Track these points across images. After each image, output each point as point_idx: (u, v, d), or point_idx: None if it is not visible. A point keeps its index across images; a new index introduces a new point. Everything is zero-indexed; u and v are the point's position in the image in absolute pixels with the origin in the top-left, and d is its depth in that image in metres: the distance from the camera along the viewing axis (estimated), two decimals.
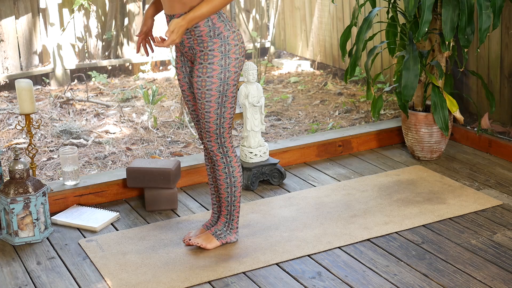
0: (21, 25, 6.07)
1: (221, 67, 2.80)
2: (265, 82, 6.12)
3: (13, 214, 3.16)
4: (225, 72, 2.81)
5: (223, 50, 2.79)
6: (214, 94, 2.82)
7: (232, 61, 2.81)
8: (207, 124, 2.89)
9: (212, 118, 2.87)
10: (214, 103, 2.84)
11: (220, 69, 2.80)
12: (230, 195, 3.03)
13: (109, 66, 6.52)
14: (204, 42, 2.79)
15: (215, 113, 2.86)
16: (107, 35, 6.44)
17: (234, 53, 2.81)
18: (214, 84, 2.81)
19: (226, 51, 2.79)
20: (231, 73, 2.82)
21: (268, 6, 6.96)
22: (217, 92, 2.82)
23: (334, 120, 5.07)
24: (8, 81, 5.99)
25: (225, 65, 2.80)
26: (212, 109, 2.85)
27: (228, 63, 2.80)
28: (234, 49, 2.81)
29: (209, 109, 2.85)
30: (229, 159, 2.98)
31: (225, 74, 2.81)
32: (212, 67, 2.79)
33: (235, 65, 2.83)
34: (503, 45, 4.25)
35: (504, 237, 3.14)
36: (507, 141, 4.08)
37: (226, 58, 2.80)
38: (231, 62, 2.81)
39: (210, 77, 2.80)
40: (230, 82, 2.83)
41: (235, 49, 2.81)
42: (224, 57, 2.79)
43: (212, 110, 2.85)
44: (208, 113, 2.86)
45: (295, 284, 2.81)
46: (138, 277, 2.88)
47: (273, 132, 4.88)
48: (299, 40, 6.72)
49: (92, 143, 4.70)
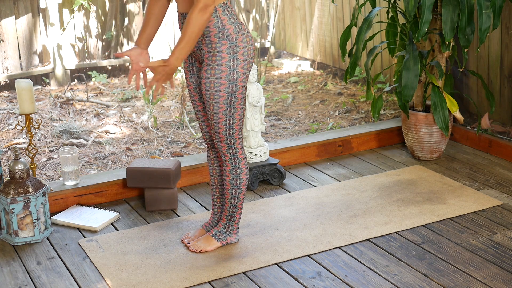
0: (21, 25, 6.07)
1: (230, 69, 2.79)
2: (265, 82, 6.12)
3: (13, 214, 3.16)
4: (233, 74, 2.80)
5: (231, 52, 2.78)
6: (223, 95, 2.82)
7: (241, 62, 2.81)
8: (216, 125, 2.88)
9: (221, 119, 2.86)
10: (223, 104, 2.83)
11: (228, 70, 2.79)
12: (234, 196, 3.03)
13: (109, 66, 6.51)
14: (213, 43, 2.78)
15: (224, 114, 2.85)
16: (107, 35, 6.44)
17: (242, 55, 2.80)
18: (223, 86, 2.80)
19: (234, 52, 2.79)
20: (240, 75, 2.82)
21: (268, 6, 6.96)
22: (225, 93, 2.82)
23: (334, 120, 5.07)
24: (8, 81, 5.99)
25: (234, 66, 2.80)
26: (221, 110, 2.84)
27: (236, 65, 2.80)
28: (242, 51, 2.80)
29: (218, 110, 2.85)
30: (238, 160, 2.98)
31: (234, 76, 2.80)
32: (221, 69, 2.79)
33: (243, 66, 2.82)
34: (503, 45, 4.25)
35: (504, 237, 3.14)
36: (507, 141, 4.08)
37: (234, 60, 2.79)
38: (240, 63, 2.80)
39: (219, 79, 2.79)
40: (239, 84, 2.83)
41: (244, 51, 2.81)
42: (232, 59, 2.79)
43: (221, 111, 2.85)
44: (217, 114, 2.85)
45: (295, 284, 2.81)
46: (138, 277, 2.88)
47: (273, 132, 4.88)
48: (299, 40, 6.71)
49: (92, 143, 4.70)
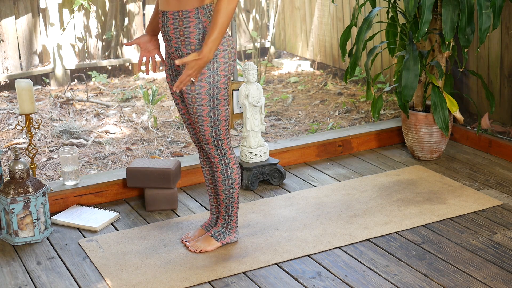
0: (21, 25, 6.07)
1: (209, 71, 2.77)
2: (265, 82, 6.12)
3: (13, 214, 3.16)
4: (213, 76, 2.78)
5: None
6: (204, 97, 2.80)
7: (221, 65, 2.78)
8: (201, 127, 2.87)
9: (206, 121, 2.85)
10: (205, 106, 2.81)
11: (208, 73, 2.77)
12: (228, 196, 3.03)
13: (109, 66, 6.52)
14: (192, 44, 2.76)
15: (208, 116, 2.84)
16: (107, 35, 6.44)
17: (222, 58, 2.78)
18: (204, 88, 2.78)
19: (214, 55, 2.76)
20: (221, 77, 2.80)
21: (268, 6, 6.96)
22: (207, 95, 2.79)
23: (334, 120, 5.07)
24: (8, 81, 5.99)
25: (214, 69, 2.77)
26: (205, 112, 2.83)
27: (216, 67, 2.77)
28: (222, 54, 2.78)
29: (202, 113, 2.83)
30: (227, 160, 2.98)
31: (214, 78, 2.78)
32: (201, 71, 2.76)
33: (224, 69, 2.80)
34: (503, 45, 4.25)
35: (504, 237, 3.14)
36: (507, 141, 4.08)
37: (214, 62, 2.76)
38: (220, 66, 2.78)
39: (199, 81, 2.77)
40: (220, 86, 2.81)
41: (224, 54, 2.78)
42: (212, 61, 2.76)
43: (205, 114, 2.83)
44: (201, 117, 2.84)
45: (295, 284, 2.81)
46: (138, 277, 2.88)
47: (273, 132, 4.88)
48: (299, 40, 6.71)
49: (92, 143, 4.70)
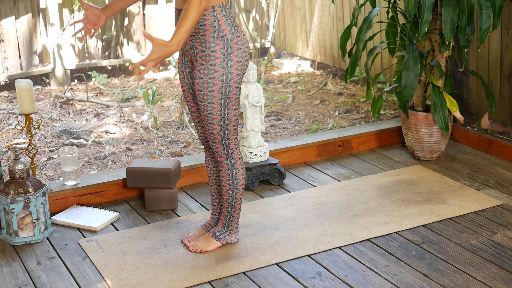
0: (21, 25, 6.07)
1: (223, 69, 2.79)
2: (265, 82, 6.12)
3: (13, 214, 3.16)
4: (227, 74, 2.80)
5: (225, 52, 2.78)
6: (216, 95, 2.81)
7: (235, 63, 2.80)
8: (211, 125, 2.88)
9: (216, 119, 2.86)
10: (216, 104, 2.82)
11: (222, 70, 2.79)
12: (231, 196, 3.03)
13: (109, 66, 6.51)
14: (207, 42, 2.77)
15: (218, 114, 2.85)
16: (107, 35, 6.44)
17: (236, 56, 2.80)
18: (216, 86, 2.80)
19: (228, 53, 2.78)
20: (233, 75, 2.81)
21: (268, 6, 6.96)
22: (219, 93, 2.81)
23: (334, 120, 5.07)
24: (8, 81, 5.99)
25: (227, 67, 2.79)
26: (215, 111, 2.84)
27: (230, 65, 2.79)
28: (236, 52, 2.80)
29: (212, 111, 2.84)
30: (234, 161, 2.98)
31: (227, 76, 2.80)
32: (214, 69, 2.78)
33: (237, 67, 2.81)
34: (503, 45, 4.25)
35: (504, 237, 3.14)
36: (507, 141, 4.08)
37: (228, 60, 2.78)
38: (233, 64, 2.80)
39: (212, 79, 2.79)
40: (232, 84, 2.82)
41: (238, 52, 2.80)
42: (226, 59, 2.78)
43: (215, 112, 2.84)
44: (212, 115, 2.85)
45: (295, 284, 2.81)
46: (138, 277, 2.88)
47: (273, 132, 4.88)
48: (299, 40, 6.71)
49: (92, 143, 4.70)
